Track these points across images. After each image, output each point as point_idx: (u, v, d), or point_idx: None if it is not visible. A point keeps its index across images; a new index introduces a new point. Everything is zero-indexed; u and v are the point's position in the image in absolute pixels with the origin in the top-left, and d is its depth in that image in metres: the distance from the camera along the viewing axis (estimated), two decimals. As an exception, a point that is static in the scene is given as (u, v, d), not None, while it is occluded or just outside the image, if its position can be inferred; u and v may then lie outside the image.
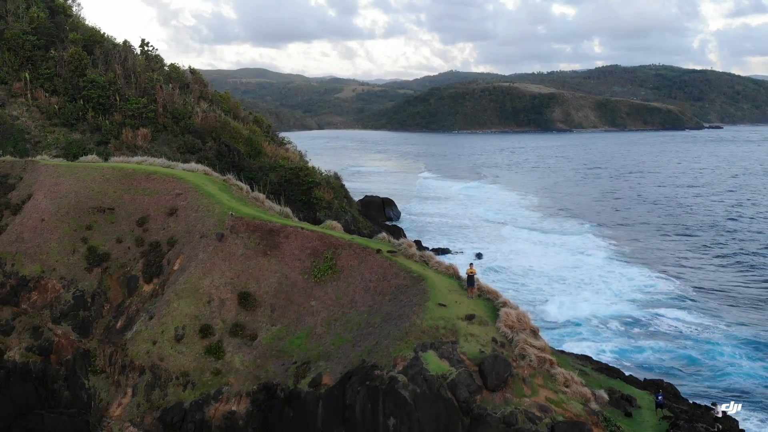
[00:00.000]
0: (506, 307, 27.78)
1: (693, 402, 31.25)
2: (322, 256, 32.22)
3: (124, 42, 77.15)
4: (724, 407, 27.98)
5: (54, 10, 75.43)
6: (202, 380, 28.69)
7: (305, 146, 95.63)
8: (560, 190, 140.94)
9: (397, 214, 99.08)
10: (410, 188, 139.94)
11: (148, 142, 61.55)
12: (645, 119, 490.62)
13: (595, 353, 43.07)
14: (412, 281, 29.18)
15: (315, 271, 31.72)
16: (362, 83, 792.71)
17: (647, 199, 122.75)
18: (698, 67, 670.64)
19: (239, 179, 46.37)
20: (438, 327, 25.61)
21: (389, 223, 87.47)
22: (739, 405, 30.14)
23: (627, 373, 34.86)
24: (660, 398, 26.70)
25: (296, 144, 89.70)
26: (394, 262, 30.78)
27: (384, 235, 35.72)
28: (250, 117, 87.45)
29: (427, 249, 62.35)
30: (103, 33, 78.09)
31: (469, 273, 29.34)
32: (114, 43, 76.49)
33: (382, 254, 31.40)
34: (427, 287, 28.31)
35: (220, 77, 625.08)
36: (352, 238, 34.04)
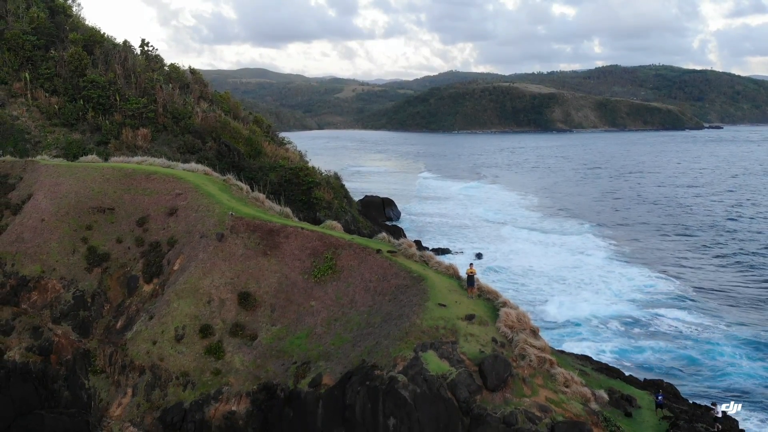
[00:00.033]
0: (506, 307, 27.78)
1: (693, 402, 31.25)
2: (322, 256, 32.22)
3: (124, 42, 77.22)
4: (724, 407, 28.00)
5: (54, 10, 75.46)
6: (202, 380, 28.70)
7: (305, 146, 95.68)
8: (560, 190, 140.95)
9: (397, 214, 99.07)
10: (410, 188, 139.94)
11: (148, 142, 61.57)
12: (645, 119, 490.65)
13: (595, 353, 43.08)
14: (412, 281, 29.19)
15: (315, 271, 31.73)
16: (362, 83, 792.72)
17: (647, 199, 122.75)
18: (698, 67, 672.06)
19: (239, 179, 46.38)
20: (438, 327, 25.61)
21: (389, 223, 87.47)
22: (739, 405, 30.16)
23: (627, 373, 34.87)
24: (660, 398, 26.71)
25: (296, 144, 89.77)
26: (394, 262, 30.78)
27: (384, 235, 35.72)
28: (250, 117, 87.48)
29: (427, 249, 62.36)
30: (103, 33, 78.17)
31: (469, 273, 29.34)
32: (114, 43, 76.51)
33: (382, 254, 31.40)
34: (427, 287, 28.31)
35: (220, 77, 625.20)
36: (352, 238, 34.05)
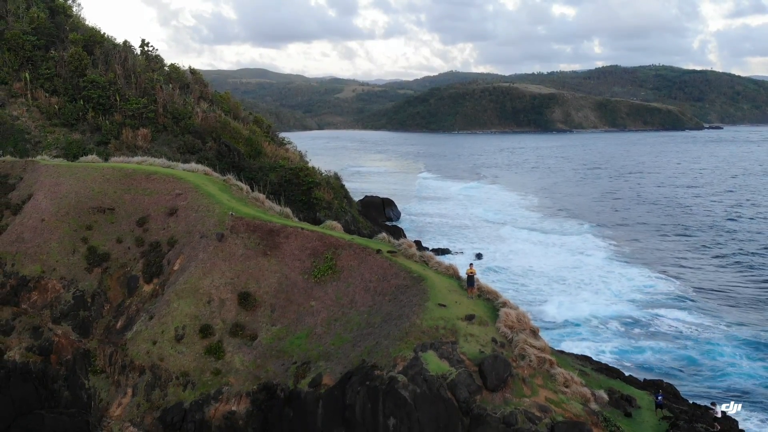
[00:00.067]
0: (506, 308, 27.79)
1: (693, 402, 31.25)
2: (322, 257, 32.24)
3: (124, 42, 77.25)
4: (724, 407, 28.05)
5: (54, 11, 75.49)
6: (202, 380, 28.71)
7: (305, 146, 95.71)
8: (560, 190, 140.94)
9: (397, 215, 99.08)
10: (410, 188, 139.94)
11: (148, 142, 61.59)
12: (645, 119, 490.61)
13: (595, 353, 43.09)
14: (412, 281, 29.20)
15: (315, 271, 31.75)
16: (362, 83, 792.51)
17: (647, 200, 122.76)
18: (698, 68, 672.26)
19: (239, 179, 46.40)
20: (438, 327, 25.62)
21: (389, 224, 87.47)
22: (739, 405, 30.22)
23: (627, 374, 34.89)
24: (660, 398, 26.73)
25: (296, 144, 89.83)
26: (394, 263, 30.80)
27: (384, 235, 35.73)
28: (250, 117, 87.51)
29: (427, 249, 62.42)
30: (103, 33, 78.23)
31: (469, 273, 29.34)
32: (114, 43, 76.53)
33: (382, 254, 31.42)
34: (427, 287, 28.32)
35: (220, 77, 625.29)
36: (352, 239, 34.06)
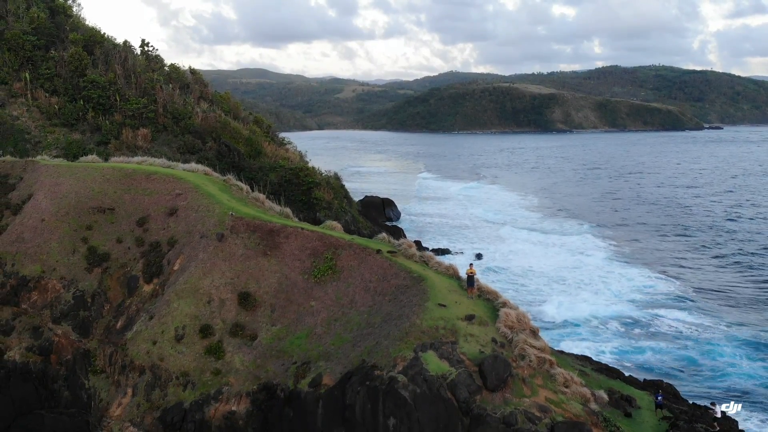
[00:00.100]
0: (506, 308, 27.80)
1: (693, 402, 31.26)
2: (322, 257, 32.24)
3: (125, 42, 77.26)
4: (724, 407, 28.05)
5: (54, 11, 75.50)
6: (202, 380, 28.71)
7: (305, 146, 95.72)
8: (560, 190, 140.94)
9: (397, 215, 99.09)
10: (410, 188, 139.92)
11: (148, 142, 61.59)
12: (645, 120, 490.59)
13: (595, 354, 43.09)
14: (412, 281, 29.20)
15: (315, 271, 31.75)
16: (362, 83, 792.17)
17: (647, 200, 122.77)
18: (698, 68, 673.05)
19: (239, 179, 46.41)
20: (438, 327, 25.62)
21: (389, 224, 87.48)
22: (739, 405, 30.23)
23: (627, 374, 34.89)
24: (659, 399, 26.73)
25: (296, 144, 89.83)
26: (394, 263, 30.80)
27: (384, 235, 35.73)
28: (250, 117, 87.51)
29: (427, 249, 62.44)
30: (104, 33, 78.24)
31: (469, 273, 29.35)
32: (114, 43, 76.54)
33: (382, 254, 31.42)
34: (427, 287, 28.33)
35: (220, 77, 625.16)
36: (352, 239, 34.07)
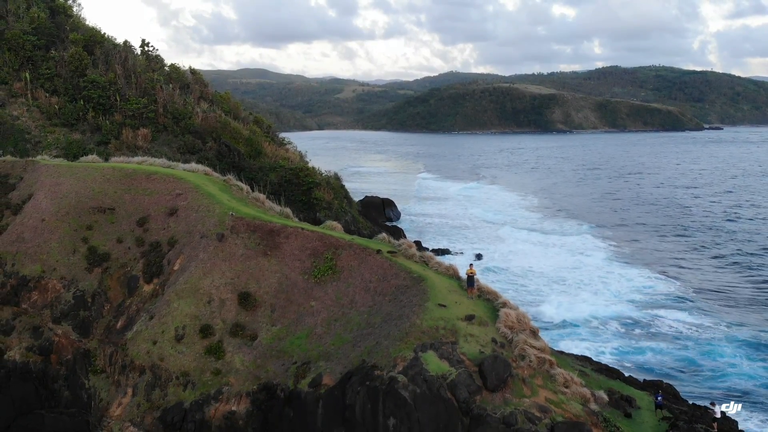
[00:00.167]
0: (506, 308, 27.81)
1: (693, 403, 31.28)
2: (322, 257, 32.26)
3: (125, 42, 77.28)
4: (724, 407, 28.06)
5: (54, 11, 75.52)
6: (203, 380, 28.73)
7: (305, 146, 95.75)
8: (559, 190, 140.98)
9: (397, 215, 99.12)
10: (410, 189, 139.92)
11: (148, 142, 61.59)
12: (645, 120, 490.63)
13: (595, 354, 43.13)
14: (412, 282, 29.22)
15: (315, 271, 31.77)
16: (362, 84, 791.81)
17: (646, 200, 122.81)
18: (698, 68, 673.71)
19: (239, 179, 46.43)
20: (438, 327, 25.64)
21: (389, 224, 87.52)
22: (740, 405, 30.23)
23: (627, 374, 34.92)
24: (659, 399, 26.75)
25: (296, 144, 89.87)
26: (394, 263, 30.82)
27: (384, 235, 35.75)
28: (251, 117, 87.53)
29: (427, 249, 62.42)
30: (104, 33, 78.26)
31: (469, 273, 29.37)
32: (114, 43, 76.56)
33: (382, 255, 31.44)
34: (427, 288, 28.35)
35: (220, 77, 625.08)
36: (352, 239, 34.09)
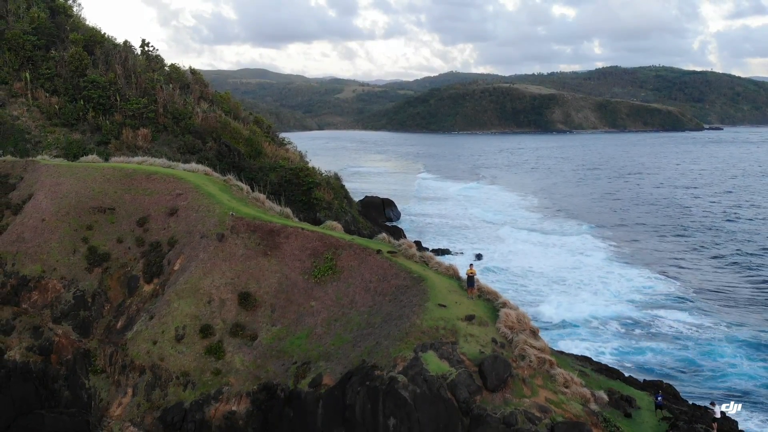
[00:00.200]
0: (506, 308, 27.83)
1: (693, 403, 31.29)
2: (322, 257, 32.27)
3: (125, 42, 77.29)
4: (724, 407, 28.06)
5: (54, 11, 75.52)
6: (203, 380, 28.74)
7: (305, 146, 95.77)
8: (559, 191, 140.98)
9: (397, 215, 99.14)
10: (410, 189, 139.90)
11: (148, 142, 61.60)
12: (645, 120, 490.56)
13: (595, 354, 43.14)
14: (412, 282, 29.23)
15: (315, 271, 31.78)
16: (362, 84, 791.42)
17: (646, 200, 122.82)
18: (698, 69, 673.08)
19: (239, 179, 46.45)
20: (438, 327, 25.65)
21: (389, 224, 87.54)
22: (740, 405, 30.23)
23: (627, 374, 34.93)
24: (659, 399, 26.76)
25: (296, 144, 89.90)
26: (394, 263, 30.83)
27: (384, 235, 35.76)
28: (251, 117, 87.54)
29: (427, 249, 62.42)
30: (104, 33, 78.26)
31: (469, 273, 29.39)
32: (114, 43, 76.57)
33: (382, 255, 31.45)
34: (427, 288, 28.36)
35: (220, 77, 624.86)
36: (353, 239, 34.10)
